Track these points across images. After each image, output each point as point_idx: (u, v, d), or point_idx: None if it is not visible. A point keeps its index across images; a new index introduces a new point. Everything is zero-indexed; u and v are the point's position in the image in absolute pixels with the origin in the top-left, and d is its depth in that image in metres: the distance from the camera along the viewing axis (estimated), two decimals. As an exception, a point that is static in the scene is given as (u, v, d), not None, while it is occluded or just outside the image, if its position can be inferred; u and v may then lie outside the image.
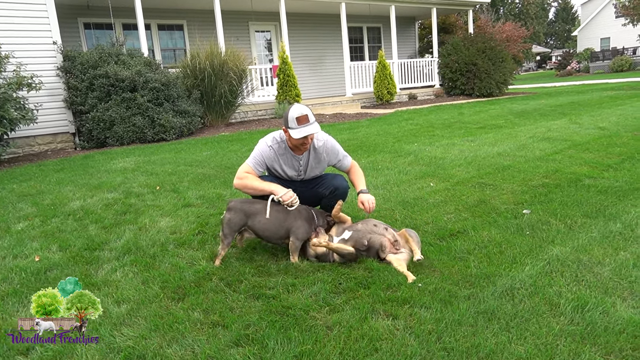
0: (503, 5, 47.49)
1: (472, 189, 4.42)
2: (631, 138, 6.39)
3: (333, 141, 3.35)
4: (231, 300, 2.51)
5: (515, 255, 2.89)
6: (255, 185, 3.12)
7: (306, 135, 3.00)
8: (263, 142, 3.24)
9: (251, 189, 3.14)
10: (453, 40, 16.27)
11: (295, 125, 2.99)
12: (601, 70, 32.88)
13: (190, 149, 7.76)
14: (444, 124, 9.04)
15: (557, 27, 67.27)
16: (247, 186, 3.13)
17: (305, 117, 2.99)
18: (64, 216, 4.20)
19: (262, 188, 3.10)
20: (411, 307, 2.34)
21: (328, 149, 3.31)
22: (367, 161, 5.90)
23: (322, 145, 3.28)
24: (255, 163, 3.18)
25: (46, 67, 8.99)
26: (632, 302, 2.30)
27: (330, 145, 3.32)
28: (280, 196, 3.02)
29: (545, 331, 2.09)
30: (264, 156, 3.20)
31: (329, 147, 3.31)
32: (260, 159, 3.19)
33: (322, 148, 3.29)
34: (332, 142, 3.34)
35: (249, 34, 15.07)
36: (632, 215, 3.45)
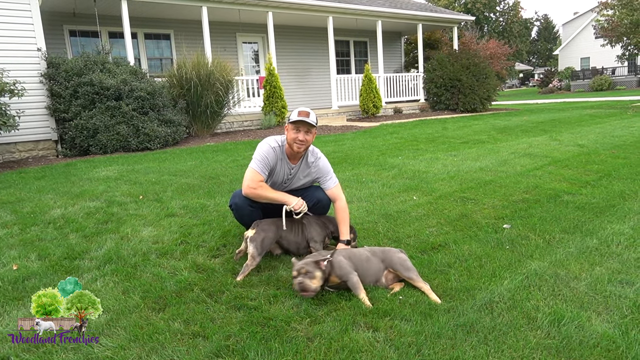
0: (487, 23, 48.43)
1: (454, 203, 4.48)
2: (609, 156, 6.54)
3: (326, 161, 3.43)
4: (212, 311, 2.50)
5: (495, 269, 2.94)
6: (269, 195, 3.17)
7: (300, 120, 3.09)
8: (266, 143, 3.27)
9: (264, 199, 3.18)
10: (438, 56, 16.54)
11: (295, 116, 3.14)
12: (582, 88, 33.68)
13: (174, 158, 7.72)
14: (428, 138, 9.15)
15: (539, 45, 68.79)
16: (261, 196, 3.17)
17: (306, 112, 3.16)
18: (43, 224, 4.14)
19: (275, 197, 3.17)
20: (392, 319, 2.36)
21: (319, 165, 3.37)
22: (351, 174, 5.94)
23: (315, 161, 3.36)
24: (262, 167, 3.20)
25: (29, 73, 8.90)
26: (607, 316, 2.35)
27: (322, 164, 3.39)
28: (292, 206, 3.12)
29: (522, 344, 2.13)
30: (269, 158, 3.22)
31: (320, 164, 3.38)
32: (267, 161, 3.21)
33: (314, 164, 3.36)
34: (325, 161, 3.41)
35: (237, 45, 15.13)
36: (608, 231, 3.53)
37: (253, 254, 2.98)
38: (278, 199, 3.16)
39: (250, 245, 3.01)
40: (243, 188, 3.20)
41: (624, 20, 25.48)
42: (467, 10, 44.94)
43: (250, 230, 3.10)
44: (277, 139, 3.31)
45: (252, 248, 3.00)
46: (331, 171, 3.42)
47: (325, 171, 3.39)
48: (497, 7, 48.32)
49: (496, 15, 49.20)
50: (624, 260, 3.02)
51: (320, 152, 3.43)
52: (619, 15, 25.79)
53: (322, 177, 3.40)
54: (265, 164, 3.20)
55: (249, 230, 3.12)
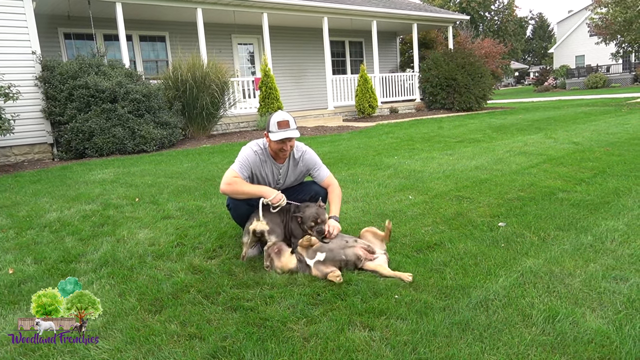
0: (482, 22, 48.54)
1: (449, 202, 4.49)
2: (603, 153, 6.57)
3: (312, 152, 3.45)
4: (209, 312, 2.50)
5: (490, 267, 2.95)
6: (245, 189, 3.15)
7: (283, 138, 3.08)
8: (248, 147, 3.28)
9: (241, 194, 3.16)
10: (433, 56, 16.57)
11: (275, 129, 3.08)
12: (577, 86, 33.79)
13: (170, 160, 7.72)
14: (424, 138, 9.17)
15: (534, 44, 68.99)
16: (237, 191, 3.15)
17: (286, 122, 3.09)
18: (39, 228, 4.14)
19: (251, 191, 3.15)
20: (387, 318, 2.37)
21: (306, 159, 3.39)
22: (347, 174, 5.95)
23: (301, 155, 3.38)
24: (240, 167, 3.20)
25: (24, 77, 8.88)
26: (601, 312, 2.37)
27: (309, 156, 3.41)
28: (270, 199, 3.10)
29: (517, 341, 2.14)
30: (249, 160, 3.22)
31: (307, 157, 3.40)
32: (246, 163, 3.21)
33: (301, 158, 3.38)
34: (310, 153, 3.43)
35: (232, 46, 15.12)
36: (602, 228, 3.55)
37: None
38: (255, 192, 3.15)
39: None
40: (220, 188, 3.20)
41: (618, 18, 25.62)
42: (462, 9, 45.02)
43: (259, 223, 3.09)
44: (259, 142, 3.31)
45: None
46: (319, 161, 3.45)
47: (314, 162, 3.42)
48: (491, 6, 48.42)
49: (491, 14, 49.30)
50: (618, 256, 3.04)
51: (303, 145, 3.43)
52: (613, 13, 25.94)
53: (312, 170, 3.42)
54: (245, 165, 3.21)
55: (256, 223, 3.10)
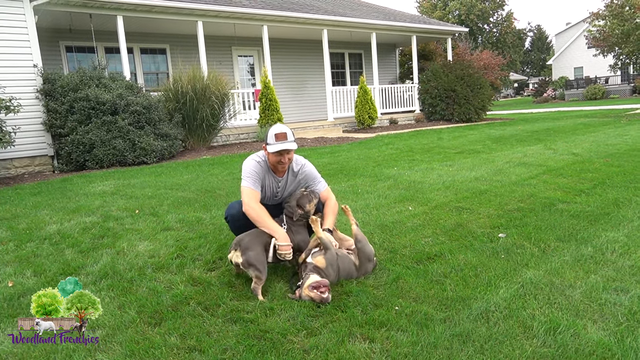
0: (481, 34, 48.92)
1: (449, 213, 4.49)
2: (603, 164, 6.58)
3: (311, 166, 3.46)
4: (209, 325, 2.49)
5: (491, 278, 2.94)
6: (265, 223, 3.08)
7: (280, 149, 3.08)
8: (251, 159, 3.29)
9: (259, 223, 3.10)
10: (433, 67, 16.66)
11: (273, 141, 3.09)
12: (576, 97, 33.92)
13: (171, 172, 7.73)
14: (424, 149, 9.19)
15: (533, 55, 69.47)
16: (258, 221, 3.10)
17: (283, 134, 3.10)
18: (39, 240, 4.14)
19: (269, 227, 3.08)
20: (388, 330, 2.36)
21: (305, 172, 3.41)
22: (347, 185, 5.96)
23: (300, 168, 3.39)
24: (254, 182, 3.20)
25: (26, 89, 8.94)
26: (602, 324, 2.36)
27: (308, 170, 3.42)
28: (279, 245, 3.02)
29: (518, 353, 2.13)
30: (256, 171, 3.23)
31: (306, 170, 3.41)
32: (255, 175, 3.22)
33: (301, 171, 3.39)
34: (309, 167, 3.45)
35: (232, 58, 15.22)
36: (602, 239, 3.55)
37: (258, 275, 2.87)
38: (271, 230, 3.06)
39: (250, 269, 2.90)
40: (243, 206, 3.16)
41: (615, 31, 25.82)
42: (461, 21, 45.40)
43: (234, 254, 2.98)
44: (259, 154, 3.32)
45: (253, 271, 2.89)
46: (318, 175, 3.46)
47: (313, 176, 3.43)
48: (490, 18, 48.84)
49: (490, 27, 49.71)
50: (619, 267, 3.03)
51: (302, 159, 3.44)
52: (610, 25, 26.15)
53: (311, 183, 3.43)
54: (256, 178, 3.21)
55: (233, 253, 3.00)
